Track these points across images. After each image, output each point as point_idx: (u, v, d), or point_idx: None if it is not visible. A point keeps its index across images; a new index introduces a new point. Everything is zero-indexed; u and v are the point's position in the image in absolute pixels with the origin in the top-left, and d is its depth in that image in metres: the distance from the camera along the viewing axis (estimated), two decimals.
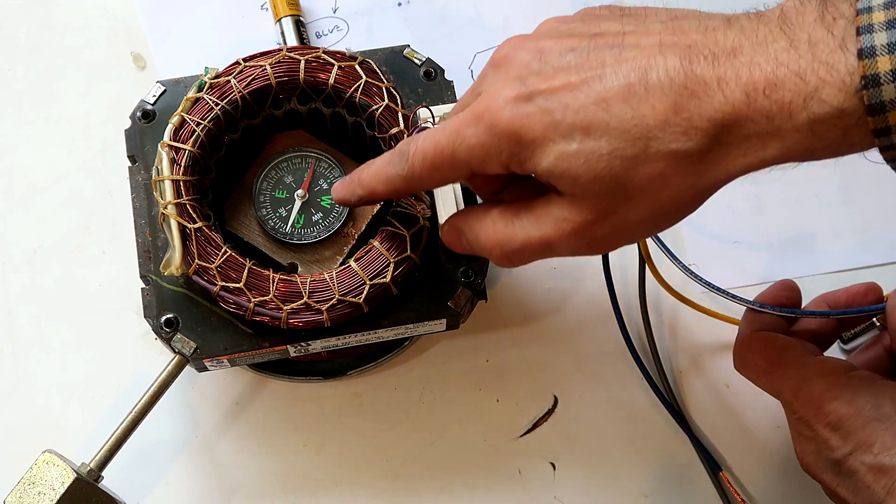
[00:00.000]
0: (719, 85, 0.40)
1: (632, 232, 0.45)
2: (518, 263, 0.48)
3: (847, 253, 0.68)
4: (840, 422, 0.49)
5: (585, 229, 0.44)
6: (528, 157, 0.44)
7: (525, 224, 0.46)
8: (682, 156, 0.41)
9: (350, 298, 0.55)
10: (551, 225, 0.45)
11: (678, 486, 0.64)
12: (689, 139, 0.41)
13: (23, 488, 0.54)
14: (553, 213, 0.45)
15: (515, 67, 0.45)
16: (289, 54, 0.58)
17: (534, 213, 0.46)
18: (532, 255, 0.47)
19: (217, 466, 0.63)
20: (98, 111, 0.70)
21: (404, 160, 0.48)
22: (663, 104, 0.41)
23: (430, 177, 0.47)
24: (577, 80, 0.43)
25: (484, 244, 0.48)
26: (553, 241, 0.45)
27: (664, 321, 0.67)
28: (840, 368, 0.52)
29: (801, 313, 0.57)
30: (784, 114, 0.40)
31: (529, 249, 0.46)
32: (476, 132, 0.44)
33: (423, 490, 0.64)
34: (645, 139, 0.41)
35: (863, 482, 0.49)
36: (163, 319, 0.56)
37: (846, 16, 0.39)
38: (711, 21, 0.43)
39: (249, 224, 0.60)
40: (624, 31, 0.44)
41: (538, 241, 0.46)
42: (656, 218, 0.44)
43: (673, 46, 0.42)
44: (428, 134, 0.47)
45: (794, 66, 0.39)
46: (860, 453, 0.49)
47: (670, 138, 0.41)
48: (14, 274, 0.67)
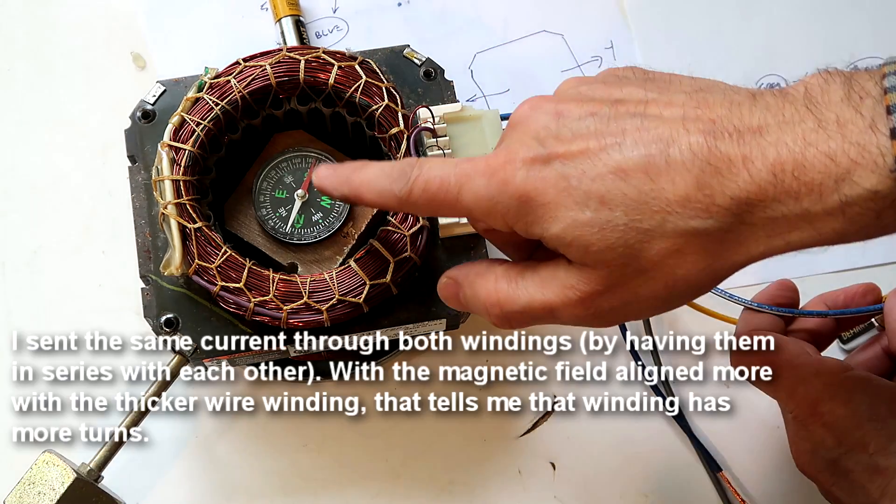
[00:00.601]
0: (744, 163, 0.39)
1: (641, 307, 0.43)
2: (516, 327, 0.47)
3: (846, 253, 0.68)
4: (836, 422, 0.49)
5: (593, 300, 0.43)
6: (537, 221, 0.42)
7: (529, 286, 0.45)
8: (701, 234, 0.40)
9: (350, 298, 0.55)
10: (557, 291, 0.44)
11: (678, 486, 0.64)
12: (710, 217, 0.39)
13: (23, 488, 0.54)
14: (560, 279, 0.44)
15: (534, 128, 0.44)
16: (289, 54, 0.58)
17: (539, 275, 0.45)
18: (532, 320, 0.45)
19: (217, 466, 0.63)
20: (98, 111, 0.70)
21: (404, 181, 0.46)
22: (685, 179, 0.40)
23: (426, 207, 0.46)
24: (596, 146, 0.42)
25: (483, 301, 0.47)
26: (557, 308, 0.44)
27: (664, 321, 0.67)
28: (837, 368, 0.52)
29: (798, 313, 0.57)
30: (814, 196, 0.38)
31: (530, 313, 0.45)
32: (487, 184, 0.43)
33: (423, 490, 0.64)
34: (663, 213, 0.40)
35: (858, 482, 0.49)
36: (163, 319, 0.56)
37: (873, 94, 0.38)
38: (737, 96, 0.41)
39: (249, 224, 0.60)
40: (647, 99, 0.42)
41: (541, 306, 0.44)
42: (668, 296, 0.42)
43: (697, 120, 0.40)
44: (437, 164, 0.45)
45: (823, 146, 0.38)
46: (855, 453, 0.49)
47: (690, 214, 0.40)
48: (14, 274, 0.67)
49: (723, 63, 0.68)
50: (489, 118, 0.59)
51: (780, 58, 0.71)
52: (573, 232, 0.41)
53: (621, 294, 0.42)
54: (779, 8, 0.74)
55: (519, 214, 0.43)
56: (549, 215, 0.42)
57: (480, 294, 0.47)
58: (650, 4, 0.73)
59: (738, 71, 0.71)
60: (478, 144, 0.59)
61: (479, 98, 0.71)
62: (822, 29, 0.72)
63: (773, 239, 0.40)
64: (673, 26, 0.45)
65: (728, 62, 0.71)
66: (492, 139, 0.59)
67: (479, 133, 0.59)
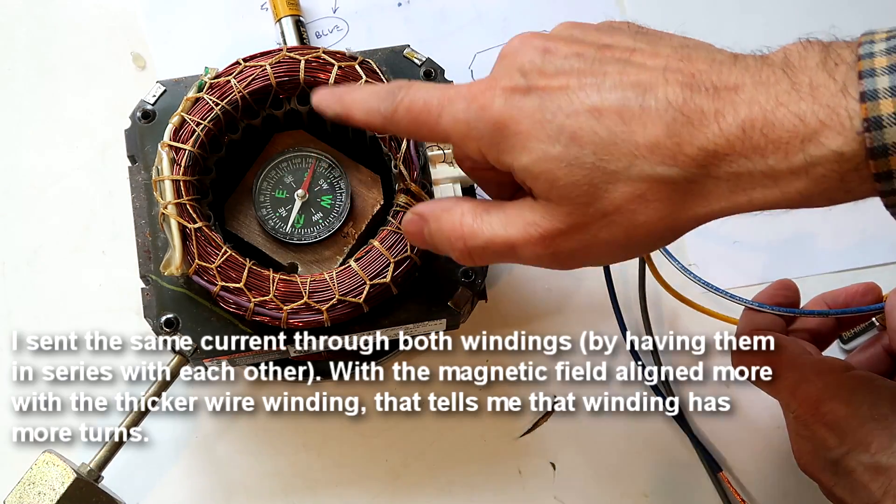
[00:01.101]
0: (716, 117, 0.40)
1: (599, 252, 0.44)
2: (479, 263, 0.47)
3: (846, 253, 0.68)
4: (837, 421, 0.49)
5: (553, 239, 0.44)
6: (508, 150, 0.44)
7: (493, 222, 0.46)
8: (665, 181, 0.41)
9: (350, 298, 0.55)
10: (520, 227, 0.44)
11: (678, 486, 0.64)
12: (676, 165, 0.40)
13: (23, 488, 0.54)
14: (524, 216, 0.44)
15: (520, 60, 0.45)
16: (289, 54, 0.58)
17: (505, 213, 0.45)
18: (495, 256, 0.46)
19: (217, 466, 0.64)
20: (98, 111, 0.70)
21: (391, 100, 0.47)
22: (656, 126, 0.41)
23: (408, 128, 0.47)
24: (576, 84, 0.43)
25: (448, 236, 0.47)
26: (517, 245, 0.45)
27: (664, 321, 0.67)
28: (838, 368, 0.52)
29: (799, 312, 0.57)
30: (780, 154, 0.39)
31: (492, 249, 0.46)
32: (466, 108, 0.45)
33: (423, 490, 0.64)
34: (631, 156, 0.41)
35: (859, 482, 0.49)
36: (163, 319, 0.56)
37: (848, 62, 0.39)
38: (720, 55, 0.42)
39: (249, 224, 0.60)
40: (634, 47, 0.43)
41: (503, 242, 0.45)
42: (627, 242, 0.43)
43: (677, 72, 0.42)
44: (423, 88, 0.47)
45: (794, 107, 0.39)
46: (857, 453, 0.49)
47: (657, 160, 0.41)
48: (14, 274, 0.67)
49: None
50: None
51: None
52: (541, 165, 0.42)
53: (581, 236, 0.43)
54: (778, 6, 0.74)
55: (493, 142, 0.44)
56: (520, 145, 0.43)
57: (445, 228, 0.47)
58: (650, 3, 0.73)
59: None
60: None
61: None
62: (820, 28, 0.72)
63: (737, 195, 0.40)
64: (672, 25, 0.46)
65: None
66: None
67: None
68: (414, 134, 0.50)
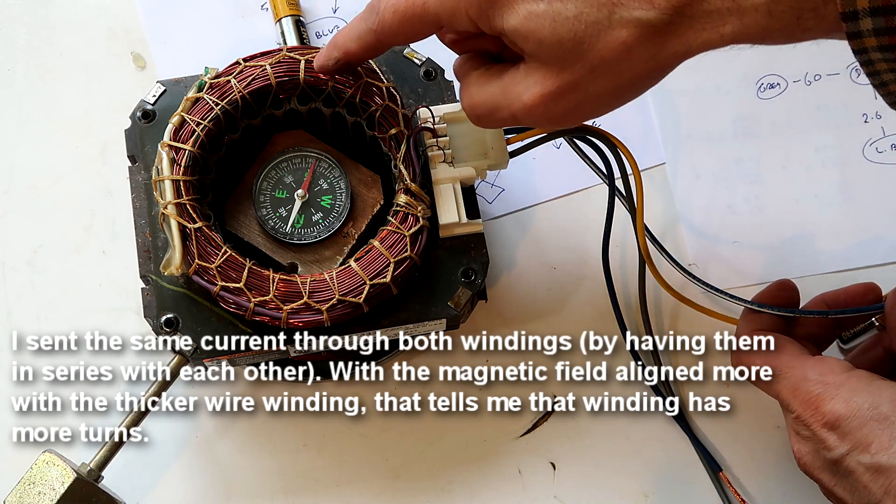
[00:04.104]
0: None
1: (593, 105, 0.47)
2: (488, 126, 0.52)
3: (847, 253, 0.68)
4: (837, 422, 0.49)
5: (547, 102, 0.46)
6: (497, 14, 0.46)
7: (494, 91, 0.49)
8: (644, 25, 0.43)
9: (350, 298, 0.55)
10: (515, 95, 0.47)
11: (678, 486, 0.64)
12: (653, 8, 0.43)
13: (23, 488, 0.54)
14: (519, 83, 0.47)
15: None
16: (289, 54, 0.58)
17: (503, 81, 0.48)
18: (499, 122, 0.50)
19: (217, 466, 0.64)
20: (98, 111, 0.70)
21: (374, 14, 0.50)
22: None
23: (401, 29, 0.49)
24: None
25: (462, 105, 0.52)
26: (515, 111, 0.48)
27: (664, 321, 0.67)
28: (838, 368, 0.52)
29: (799, 313, 0.57)
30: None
31: (496, 116, 0.49)
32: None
33: (423, 490, 0.64)
34: (609, 6, 0.43)
35: (860, 482, 0.49)
36: (163, 319, 0.56)
37: None
38: None
39: (249, 224, 0.60)
40: None
41: (505, 109, 0.48)
42: (617, 90, 0.46)
43: None
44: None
45: None
46: (857, 453, 0.49)
47: (634, 6, 0.43)
48: (14, 274, 0.67)
49: (722, 63, 0.68)
50: None
51: (780, 58, 0.71)
52: (528, 24, 0.45)
53: (573, 94, 0.46)
54: None
55: (480, 8, 0.46)
56: (507, 6, 0.45)
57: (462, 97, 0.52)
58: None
59: (738, 71, 0.72)
60: (478, 144, 0.59)
61: None
62: None
63: (708, 31, 0.43)
64: None
65: (728, 62, 0.71)
66: (492, 139, 0.59)
67: (480, 133, 0.59)
68: (408, 34, 0.51)
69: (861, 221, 0.69)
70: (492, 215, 0.69)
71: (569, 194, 0.69)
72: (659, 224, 0.68)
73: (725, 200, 0.69)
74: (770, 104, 0.71)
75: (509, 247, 0.68)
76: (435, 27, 0.49)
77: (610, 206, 0.61)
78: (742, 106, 0.71)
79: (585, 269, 0.67)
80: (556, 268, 0.68)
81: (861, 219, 0.69)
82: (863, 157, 0.70)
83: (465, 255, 0.58)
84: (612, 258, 0.64)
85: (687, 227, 0.69)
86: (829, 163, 0.70)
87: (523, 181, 0.69)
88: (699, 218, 0.69)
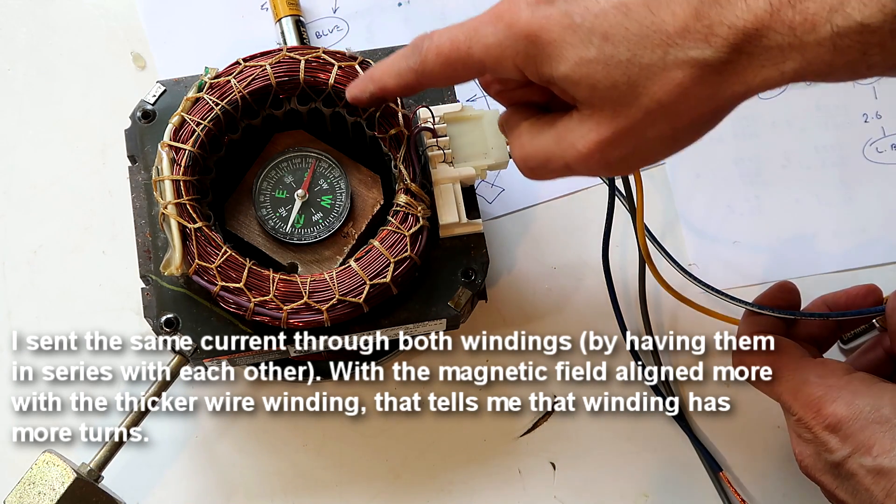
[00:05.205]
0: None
1: (650, 150, 0.45)
2: (541, 178, 0.49)
3: (847, 253, 0.68)
4: (839, 424, 0.49)
5: (603, 150, 0.44)
6: (545, 61, 0.44)
7: (547, 141, 0.47)
8: (700, 64, 0.41)
9: (350, 298, 0.55)
10: (569, 144, 0.45)
11: (678, 486, 0.64)
12: (709, 46, 0.41)
13: (23, 488, 0.54)
14: (572, 131, 0.45)
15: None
16: (289, 54, 0.58)
17: (556, 130, 0.46)
18: (553, 173, 0.47)
19: (217, 466, 0.64)
20: (98, 111, 0.70)
21: (417, 53, 0.48)
22: (684, 10, 0.41)
23: (443, 72, 0.48)
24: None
25: (514, 157, 0.49)
26: (570, 162, 0.46)
27: (664, 321, 0.67)
28: (839, 370, 0.52)
29: (800, 315, 0.57)
30: (807, 26, 0.39)
31: (550, 167, 0.47)
32: (494, 31, 0.45)
33: (423, 490, 0.64)
34: (664, 46, 0.41)
35: (861, 484, 0.49)
36: (163, 319, 0.56)
37: None
38: None
39: (249, 224, 0.60)
40: None
41: (559, 159, 0.46)
42: (675, 133, 0.44)
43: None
44: (444, 30, 0.47)
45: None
46: (859, 455, 0.49)
47: (689, 45, 0.41)
48: (14, 274, 0.67)
49: None
50: (489, 118, 0.59)
51: None
52: (580, 70, 0.43)
53: (630, 140, 0.44)
54: None
55: (528, 56, 0.44)
56: (556, 54, 0.43)
57: (513, 150, 0.49)
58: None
59: None
60: (478, 144, 0.59)
61: (479, 98, 0.70)
62: None
63: (768, 68, 0.41)
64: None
65: None
66: (492, 139, 0.59)
67: (480, 133, 0.59)
68: (450, 77, 0.49)
69: (861, 221, 0.69)
70: (492, 215, 0.69)
71: (569, 194, 0.69)
72: (659, 224, 0.68)
73: (725, 200, 0.69)
74: (770, 104, 0.71)
75: (509, 247, 0.68)
76: (478, 73, 0.48)
77: (610, 206, 0.61)
78: (742, 106, 0.71)
79: (585, 269, 0.67)
80: (556, 268, 0.68)
81: (861, 219, 0.69)
82: (863, 157, 0.70)
83: (465, 255, 0.58)
84: (612, 258, 0.64)
85: (687, 227, 0.69)
86: (829, 163, 0.70)
87: (523, 181, 0.68)
88: (699, 218, 0.69)
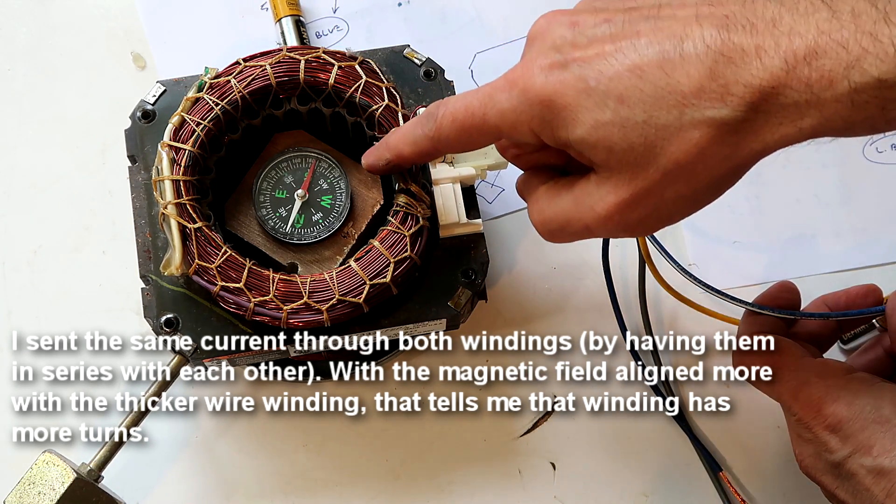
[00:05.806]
0: (757, 53, 0.40)
1: (669, 211, 0.45)
2: (561, 241, 0.49)
3: (847, 253, 0.68)
4: (839, 424, 0.49)
5: (622, 212, 0.44)
6: (561, 125, 0.44)
7: (565, 204, 0.46)
8: (717, 124, 0.41)
9: (350, 298, 0.55)
10: (588, 207, 0.45)
11: (678, 486, 0.64)
12: (725, 106, 0.40)
13: (23, 488, 0.54)
14: (591, 194, 0.45)
15: (550, 38, 0.45)
16: (289, 54, 0.58)
17: (573, 193, 0.46)
18: (572, 236, 0.47)
19: (217, 466, 0.64)
20: (98, 111, 0.70)
21: (432, 121, 0.48)
22: (698, 70, 0.41)
23: (458, 138, 0.48)
24: (612, 48, 0.42)
25: (532, 221, 0.49)
26: (589, 225, 0.46)
27: (664, 321, 0.67)
28: (839, 370, 0.52)
29: (800, 315, 0.57)
30: (824, 83, 0.39)
31: (569, 230, 0.47)
32: (509, 97, 0.45)
33: (423, 490, 0.64)
34: (680, 107, 0.41)
35: (862, 485, 0.49)
36: (163, 319, 0.56)
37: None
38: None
39: (249, 224, 0.60)
40: (660, 3, 0.43)
41: (578, 222, 0.46)
42: (694, 194, 0.43)
43: (710, 17, 0.41)
44: (459, 96, 0.47)
45: (836, 35, 0.39)
46: (859, 456, 0.49)
47: (706, 105, 0.40)
48: (14, 274, 0.67)
49: None
50: None
51: None
52: (596, 133, 0.43)
53: (648, 201, 0.44)
54: None
55: (543, 120, 0.44)
56: (571, 118, 0.43)
57: (532, 214, 0.49)
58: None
59: None
60: None
61: None
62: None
63: (786, 126, 0.40)
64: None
65: None
66: None
67: None
68: (465, 143, 0.49)
69: (861, 221, 0.69)
70: (492, 215, 0.69)
71: None
72: None
73: (725, 200, 0.69)
74: None
75: (509, 247, 0.68)
76: (494, 138, 0.48)
77: None
78: None
79: (585, 269, 0.67)
80: (556, 268, 0.68)
81: (861, 219, 0.69)
82: (863, 157, 0.70)
83: (465, 255, 0.58)
84: (612, 258, 0.64)
85: (687, 227, 0.69)
86: (829, 163, 0.70)
87: None
88: (699, 218, 0.68)
